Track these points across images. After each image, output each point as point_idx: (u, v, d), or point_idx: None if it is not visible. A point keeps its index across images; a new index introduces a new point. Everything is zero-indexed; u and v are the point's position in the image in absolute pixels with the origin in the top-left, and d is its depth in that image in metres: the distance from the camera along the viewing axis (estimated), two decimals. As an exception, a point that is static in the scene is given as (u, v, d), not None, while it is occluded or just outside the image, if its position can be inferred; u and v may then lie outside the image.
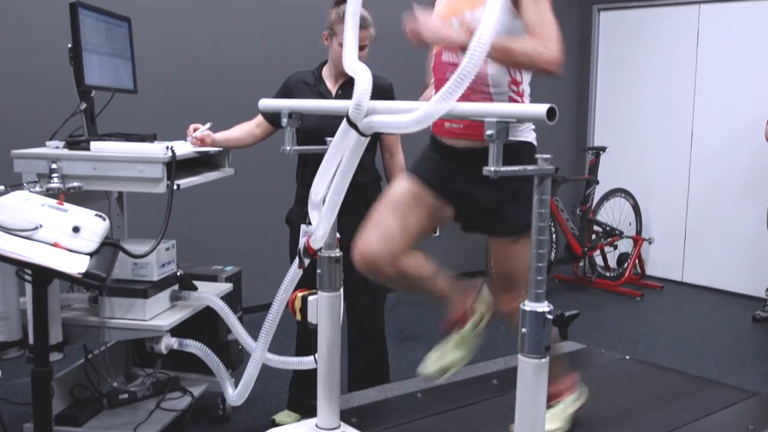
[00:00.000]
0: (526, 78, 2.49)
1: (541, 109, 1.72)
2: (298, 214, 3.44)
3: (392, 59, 4.14)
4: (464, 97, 1.88)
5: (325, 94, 3.41)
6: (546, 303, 1.84)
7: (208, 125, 3.26)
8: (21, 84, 4.49)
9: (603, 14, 7.48)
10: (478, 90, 2.35)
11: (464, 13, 2.42)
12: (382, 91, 3.25)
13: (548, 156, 1.81)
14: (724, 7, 6.62)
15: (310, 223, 2.41)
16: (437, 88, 2.54)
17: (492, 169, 1.75)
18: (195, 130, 3.24)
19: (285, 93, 3.45)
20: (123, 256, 2.60)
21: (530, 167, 1.81)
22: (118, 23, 3.30)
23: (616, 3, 7.34)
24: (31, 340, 2.69)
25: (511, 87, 2.44)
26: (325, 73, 3.46)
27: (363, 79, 2.04)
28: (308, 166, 3.41)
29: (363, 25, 3.27)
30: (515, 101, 2.46)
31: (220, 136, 3.31)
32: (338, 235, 2.62)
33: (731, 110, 6.57)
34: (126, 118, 3.66)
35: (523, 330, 1.84)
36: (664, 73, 7.05)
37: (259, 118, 3.43)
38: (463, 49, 1.97)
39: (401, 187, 2.60)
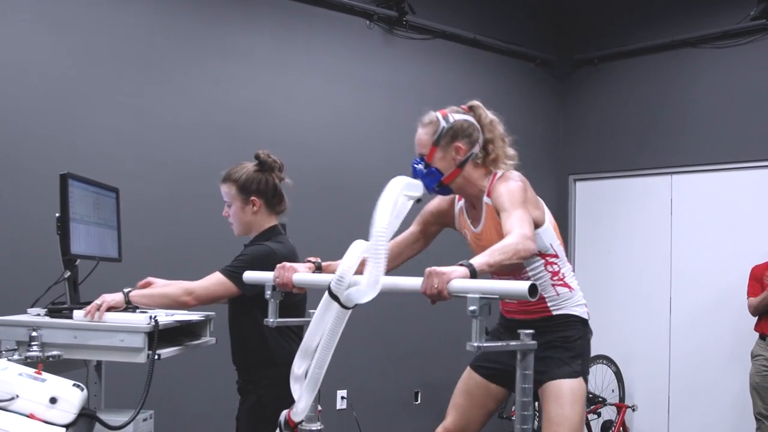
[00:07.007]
0: (561, 263, 2.80)
1: (523, 286, 1.77)
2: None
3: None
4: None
5: None
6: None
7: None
8: (4, 250, 4.50)
9: (579, 184, 7.70)
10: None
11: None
12: None
13: (531, 331, 1.83)
14: (694, 176, 6.86)
15: (290, 394, 2.38)
16: None
17: (475, 344, 1.77)
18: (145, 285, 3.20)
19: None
20: (100, 426, 2.54)
21: (513, 342, 1.83)
22: (106, 194, 3.36)
23: (591, 173, 7.57)
24: None
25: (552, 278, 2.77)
26: None
27: (351, 255, 2.10)
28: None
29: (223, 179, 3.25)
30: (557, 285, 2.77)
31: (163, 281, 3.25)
32: (319, 407, 2.59)
33: (708, 275, 6.66)
34: (110, 285, 3.66)
35: None
36: (640, 240, 7.18)
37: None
38: None
39: (472, 382, 3.05)
